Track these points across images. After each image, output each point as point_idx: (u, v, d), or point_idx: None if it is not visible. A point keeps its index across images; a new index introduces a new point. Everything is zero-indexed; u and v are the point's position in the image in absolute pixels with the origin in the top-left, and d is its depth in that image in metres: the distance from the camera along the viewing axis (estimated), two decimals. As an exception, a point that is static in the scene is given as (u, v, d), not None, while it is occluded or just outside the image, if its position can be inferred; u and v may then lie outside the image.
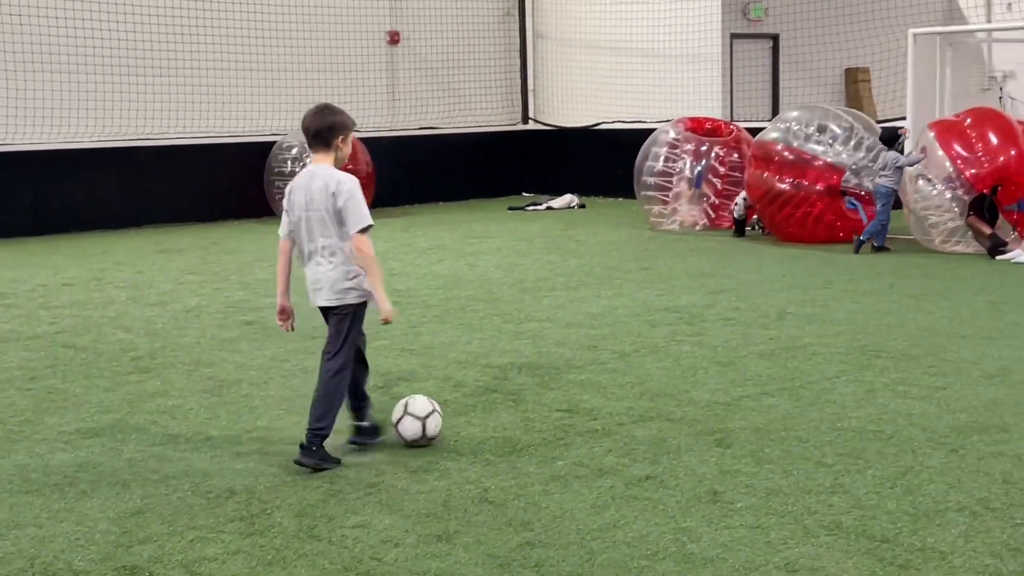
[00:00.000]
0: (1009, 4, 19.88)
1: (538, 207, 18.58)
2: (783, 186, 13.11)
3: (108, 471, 5.58)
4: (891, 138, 12.80)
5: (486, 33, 20.95)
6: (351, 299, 5.51)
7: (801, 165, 13.10)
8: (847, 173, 13.06)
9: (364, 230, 5.43)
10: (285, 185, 16.61)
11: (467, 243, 14.22)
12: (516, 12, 21.19)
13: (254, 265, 12.61)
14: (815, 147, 13.15)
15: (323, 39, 18.92)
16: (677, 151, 14.80)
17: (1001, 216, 12.13)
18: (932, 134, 12.35)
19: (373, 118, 19.45)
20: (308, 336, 8.63)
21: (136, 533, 4.76)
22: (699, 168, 14.82)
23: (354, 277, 5.48)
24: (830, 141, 13.18)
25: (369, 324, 5.69)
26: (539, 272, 11.62)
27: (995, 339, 7.95)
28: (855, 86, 20.30)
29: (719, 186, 14.91)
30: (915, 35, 15.76)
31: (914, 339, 8.02)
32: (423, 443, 5.74)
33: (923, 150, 12.38)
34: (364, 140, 17.97)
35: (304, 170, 5.62)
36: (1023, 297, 9.57)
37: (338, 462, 5.50)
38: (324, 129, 5.51)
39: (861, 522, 4.64)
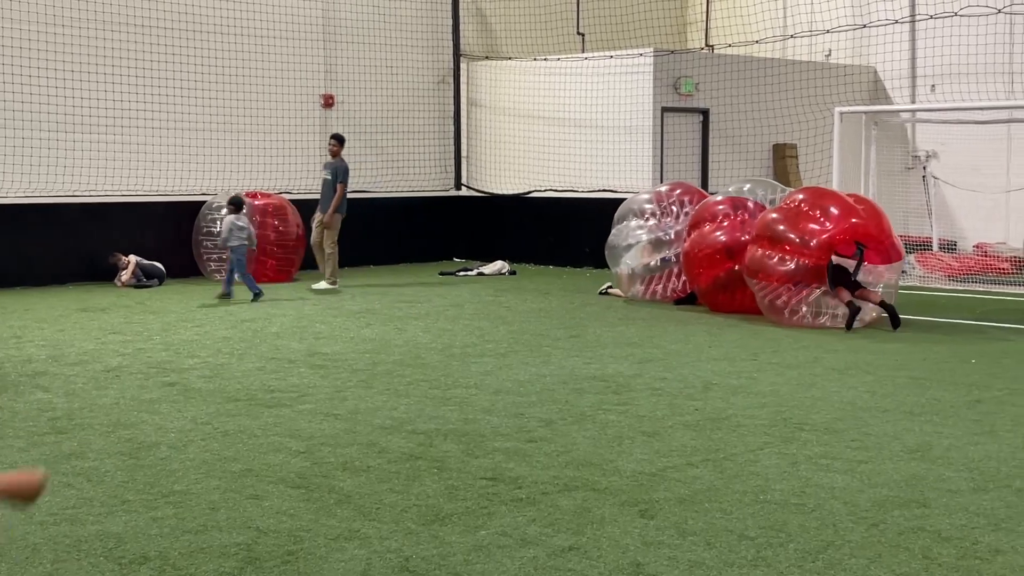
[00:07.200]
0: (933, 86, 20.42)
1: (469, 272, 18.61)
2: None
3: (19, 534, 5.42)
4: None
5: (420, 99, 21.05)
6: None
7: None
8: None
9: None
10: (214, 245, 16.83)
11: (396, 307, 14.16)
12: (451, 79, 21.34)
13: (179, 326, 12.44)
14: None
15: (257, 100, 18.88)
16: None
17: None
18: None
19: (305, 180, 19.39)
20: (230, 399, 8.53)
21: (44, 600, 4.62)
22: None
23: None
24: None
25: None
26: (468, 338, 11.59)
27: (916, 414, 8.05)
28: (783, 161, 20.67)
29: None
30: (841, 113, 16.15)
31: (837, 413, 8.09)
32: None
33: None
34: (295, 202, 17.93)
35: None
36: (944, 372, 9.71)
37: None
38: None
39: (783, 596, 4.64)
